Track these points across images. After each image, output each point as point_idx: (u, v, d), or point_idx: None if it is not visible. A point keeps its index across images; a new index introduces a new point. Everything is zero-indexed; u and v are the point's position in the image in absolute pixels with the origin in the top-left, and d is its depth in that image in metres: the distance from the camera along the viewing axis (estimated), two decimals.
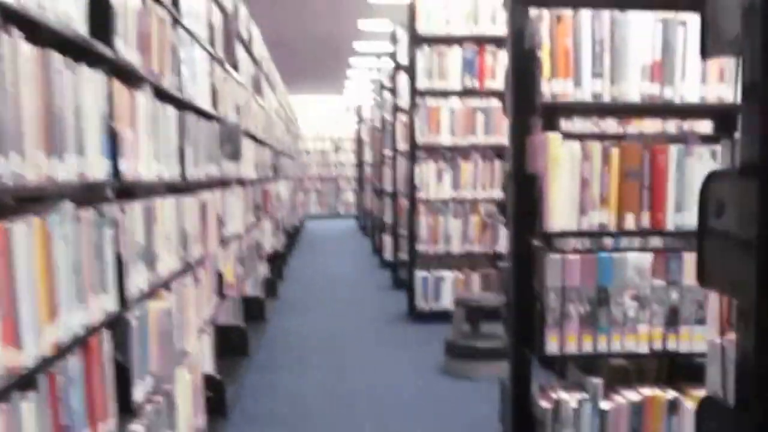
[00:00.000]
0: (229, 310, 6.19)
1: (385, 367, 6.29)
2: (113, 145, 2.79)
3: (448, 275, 7.93)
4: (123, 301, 2.80)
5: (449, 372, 6.04)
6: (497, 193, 7.87)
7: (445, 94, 8.07)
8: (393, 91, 10.30)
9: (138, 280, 3.06)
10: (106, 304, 2.61)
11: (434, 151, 8.23)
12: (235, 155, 5.78)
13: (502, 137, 7.85)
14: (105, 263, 2.61)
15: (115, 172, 2.80)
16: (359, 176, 20.14)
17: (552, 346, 3.21)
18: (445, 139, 7.86)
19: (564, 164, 3.12)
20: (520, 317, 3.36)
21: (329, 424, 4.96)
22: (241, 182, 7.11)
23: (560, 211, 3.15)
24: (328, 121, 25.54)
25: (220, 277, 5.47)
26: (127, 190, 3.17)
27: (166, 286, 3.68)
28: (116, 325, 2.78)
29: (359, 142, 19.90)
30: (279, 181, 12.02)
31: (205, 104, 4.97)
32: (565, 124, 6.32)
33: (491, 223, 7.88)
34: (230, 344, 5.79)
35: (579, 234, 3.20)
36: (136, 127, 3.11)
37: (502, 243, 7.90)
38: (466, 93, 7.99)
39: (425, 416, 5.08)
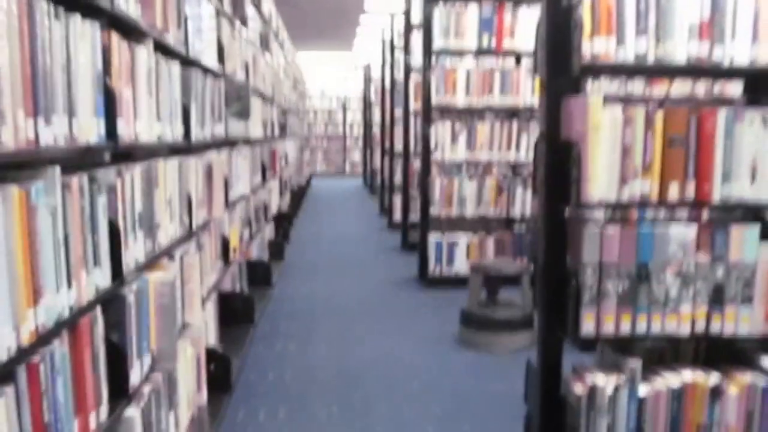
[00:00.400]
0: (234, 276, 5.95)
1: (396, 337, 6.06)
2: (110, 104, 2.52)
3: (462, 239, 7.67)
4: (118, 275, 2.55)
5: (465, 343, 5.80)
6: (513, 156, 7.60)
7: (461, 53, 7.77)
8: (406, 49, 9.95)
9: (136, 250, 2.81)
10: (99, 279, 2.36)
11: (449, 112, 7.94)
12: (243, 114, 5.51)
13: (518, 98, 7.56)
14: (98, 235, 2.36)
15: (112, 133, 2.54)
16: (366, 136, 19.82)
17: (588, 326, 2.96)
18: (460, 99, 7.56)
19: (604, 130, 2.84)
20: (550, 294, 3.10)
21: (337, 397, 4.74)
22: (249, 141, 6.85)
23: (599, 180, 2.88)
24: (335, 80, 25.18)
25: (225, 241, 5.23)
26: (125, 154, 2.91)
27: (168, 254, 3.44)
28: (110, 302, 2.53)
29: (366, 101, 19.55)
30: (286, 140, 11.74)
31: (212, 61, 4.70)
32: (590, 85, 6.02)
33: (507, 186, 7.60)
34: (235, 312, 5.55)
35: (619, 205, 2.94)
36: (135, 85, 2.85)
37: (518, 207, 7.63)
38: (482, 53, 7.69)
39: (440, 391, 4.86)
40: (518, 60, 7.90)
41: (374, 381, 5.04)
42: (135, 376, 2.67)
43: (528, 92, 7.52)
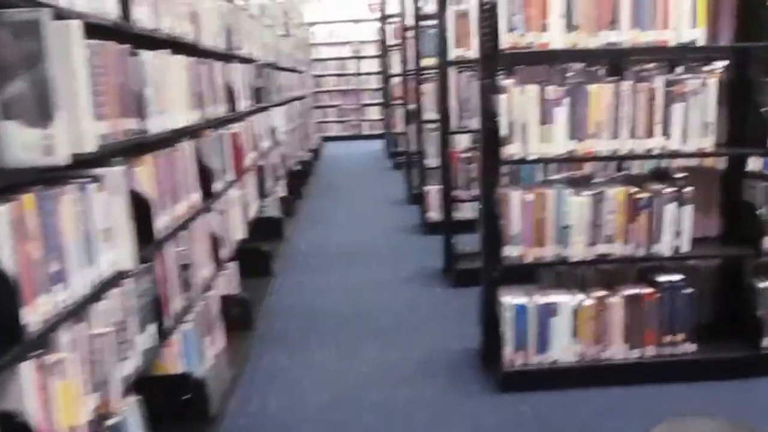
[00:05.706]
0: None
1: None
2: None
3: (565, 302, 4.13)
4: None
5: None
6: (658, 144, 4.03)
7: None
8: None
9: None
10: None
11: (531, 66, 4.42)
12: (44, 110, 2.01)
13: (666, 32, 3.98)
14: None
15: None
16: (385, 92, 15.92)
17: None
18: (555, 38, 3.97)
19: None
20: None
21: None
22: (160, 143, 3.40)
23: None
24: (344, 23, 21.21)
25: None
26: None
27: None
28: None
29: (384, 46, 15.60)
30: (270, 111, 8.20)
31: None
32: None
33: (648, 203, 4.06)
34: None
35: None
36: None
37: (667, 240, 4.08)
38: None
39: None
40: None
41: None
42: None
43: (686, 19, 3.94)
